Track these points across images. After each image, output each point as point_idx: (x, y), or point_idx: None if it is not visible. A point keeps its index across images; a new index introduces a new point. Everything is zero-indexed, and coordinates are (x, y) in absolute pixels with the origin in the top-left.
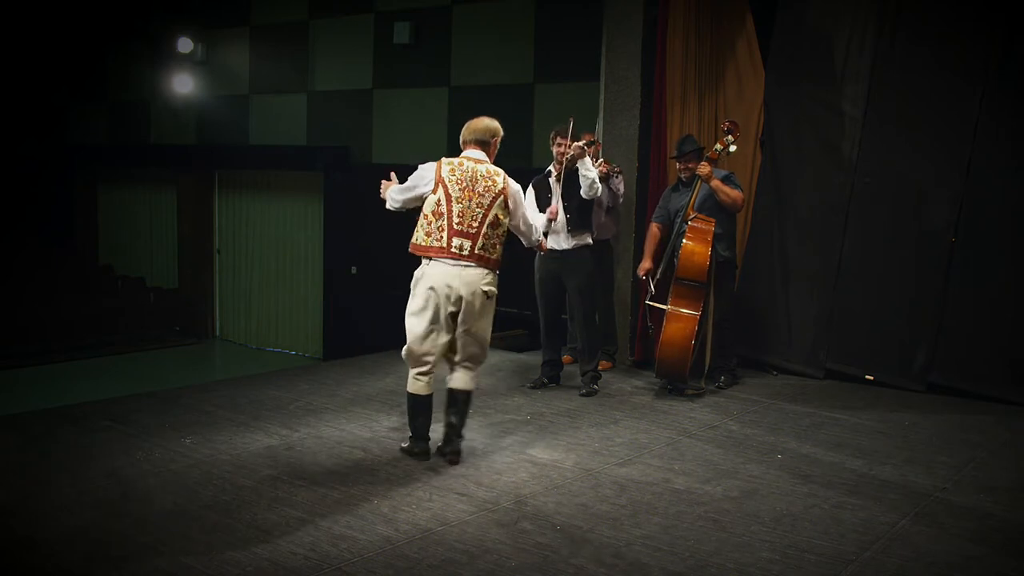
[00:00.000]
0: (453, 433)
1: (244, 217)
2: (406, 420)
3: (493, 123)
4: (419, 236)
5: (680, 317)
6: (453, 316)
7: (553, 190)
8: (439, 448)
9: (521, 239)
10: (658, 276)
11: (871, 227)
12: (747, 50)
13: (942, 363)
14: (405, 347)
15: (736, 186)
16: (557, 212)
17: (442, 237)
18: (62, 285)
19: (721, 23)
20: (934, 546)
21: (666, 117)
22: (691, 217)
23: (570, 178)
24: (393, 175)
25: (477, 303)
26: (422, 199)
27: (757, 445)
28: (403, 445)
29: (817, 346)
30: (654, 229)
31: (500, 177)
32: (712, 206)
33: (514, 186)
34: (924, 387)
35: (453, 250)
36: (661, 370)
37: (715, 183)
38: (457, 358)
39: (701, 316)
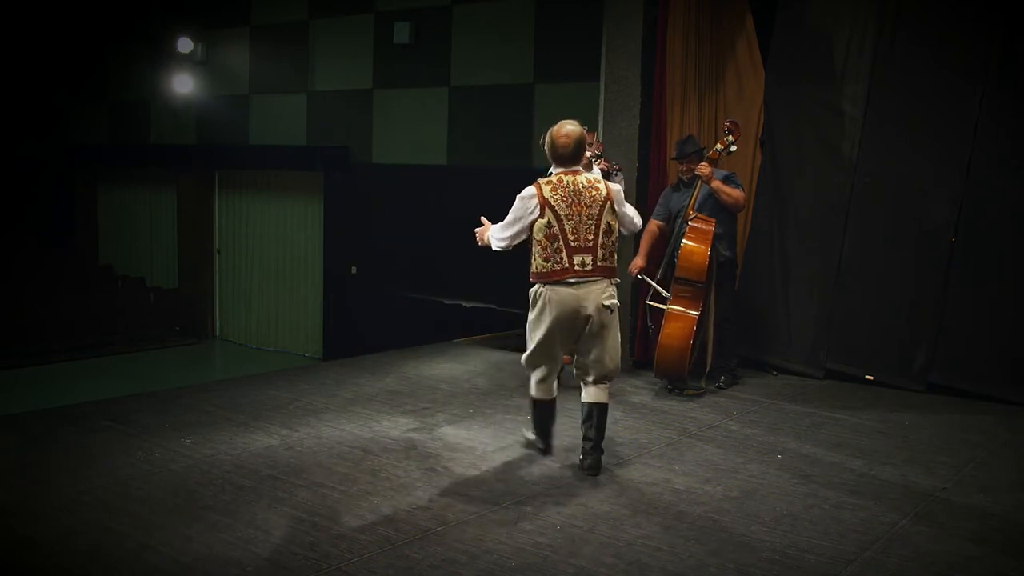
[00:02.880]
0: (591, 447)
1: (244, 217)
2: (529, 420)
3: (576, 129)
4: (537, 263)
5: (679, 317)
6: (577, 334)
7: None
8: (580, 460)
9: (622, 230)
10: (658, 276)
11: (871, 227)
12: (747, 50)
13: (942, 363)
14: (526, 356)
15: (737, 185)
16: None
17: (562, 259)
18: (62, 285)
19: (721, 23)
20: (934, 546)
21: (666, 117)
22: (691, 217)
23: None
24: (483, 219)
25: (602, 319)
26: (530, 229)
27: (757, 445)
28: (528, 436)
29: (817, 346)
30: (652, 227)
31: (601, 183)
32: (713, 206)
33: (614, 187)
34: (924, 387)
35: (576, 268)
36: (660, 370)
37: (716, 184)
38: (590, 378)
39: (701, 316)
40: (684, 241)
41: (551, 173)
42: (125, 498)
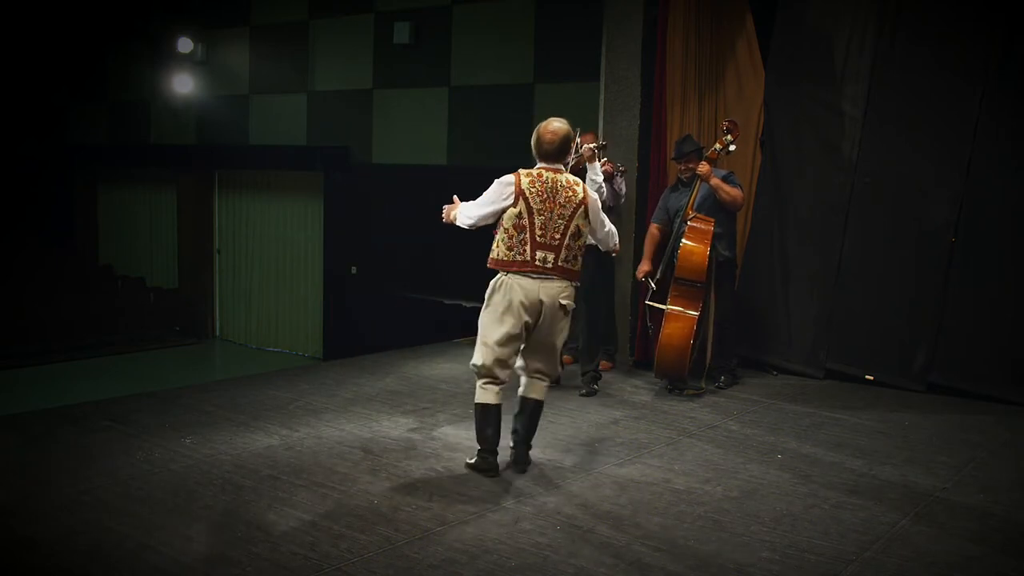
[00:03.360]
0: (519, 441)
1: (244, 217)
2: (473, 432)
3: (563, 127)
4: (500, 251)
5: (679, 317)
6: (527, 327)
7: None
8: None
9: (599, 245)
10: (658, 276)
11: (871, 227)
12: (747, 50)
13: (942, 363)
14: (478, 357)
15: (736, 184)
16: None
17: (525, 251)
18: (62, 285)
19: (721, 23)
20: (934, 546)
21: (666, 117)
22: (690, 217)
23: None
24: (455, 197)
25: (555, 316)
26: (500, 214)
27: (757, 445)
28: (469, 461)
29: (817, 346)
30: (653, 230)
31: (580, 187)
32: (712, 206)
33: (592, 195)
34: (924, 387)
35: (537, 263)
36: (660, 370)
37: (715, 181)
38: (530, 369)
39: (700, 316)
40: (683, 241)
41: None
42: (125, 498)
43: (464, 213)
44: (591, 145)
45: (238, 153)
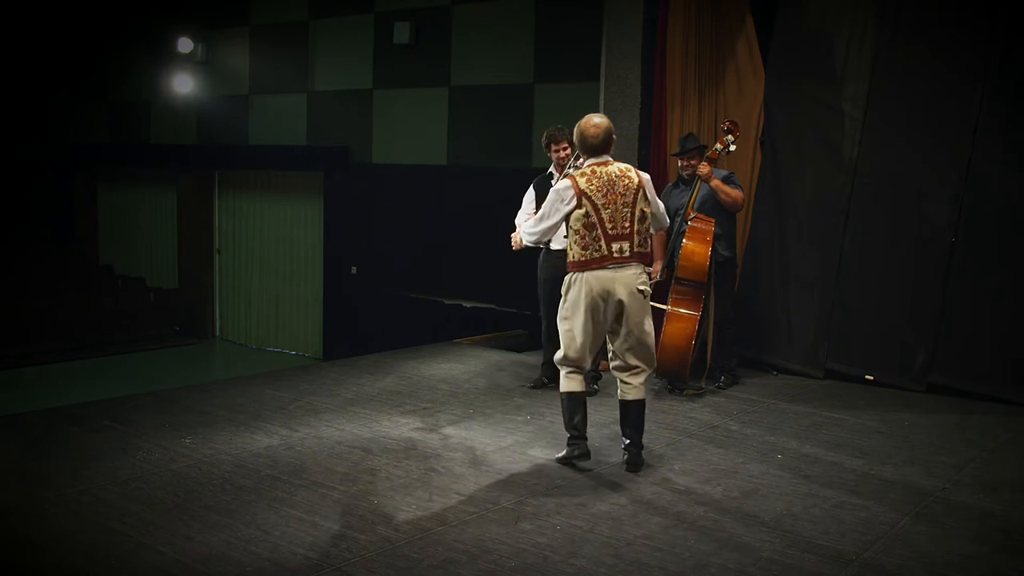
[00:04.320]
0: (631, 444)
1: (244, 217)
2: (562, 422)
3: (603, 122)
4: (575, 252)
5: (680, 317)
6: (613, 320)
7: None
8: (623, 459)
9: (653, 226)
10: (658, 276)
11: (871, 227)
12: (747, 50)
13: (942, 363)
14: (560, 350)
15: (736, 186)
16: (517, 243)
17: (601, 246)
18: (62, 285)
19: (721, 23)
20: (934, 546)
21: (666, 117)
22: (691, 217)
23: None
24: (517, 223)
25: (636, 303)
26: (563, 222)
27: (757, 445)
28: (559, 455)
29: (817, 346)
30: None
31: (632, 171)
32: (712, 206)
33: (645, 176)
34: (924, 387)
35: (615, 255)
36: (661, 370)
37: (715, 183)
38: (627, 367)
39: (701, 316)
40: (684, 241)
41: (574, 168)
42: (125, 498)
43: (527, 232)
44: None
45: (238, 153)
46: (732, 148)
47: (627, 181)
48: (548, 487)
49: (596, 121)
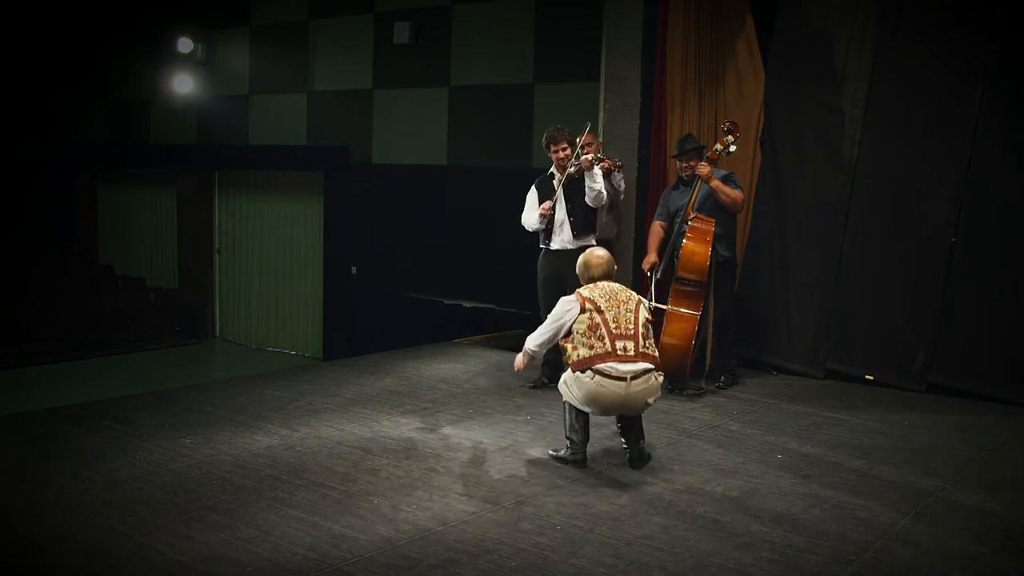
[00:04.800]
0: (632, 442)
1: (244, 217)
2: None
3: (605, 257)
4: (580, 354)
5: (680, 317)
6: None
7: (558, 194)
8: (626, 452)
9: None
10: (659, 275)
11: (871, 227)
12: (747, 50)
13: (942, 363)
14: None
15: (736, 186)
16: (549, 208)
17: (605, 344)
18: (62, 285)
19: (721, 23)
20: (934, 546)
21: (666, 117)
22: (691, 217)
23: (574, 183)
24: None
25: (640, 409)
26: (566, 328)
27: (757, 445)
28: (556, 453)
29: (817, 346)
30: (656, 227)
31: (630, 290)
32: (712, 206)
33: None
34: (924, 387)
35: (619, 352)
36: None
37: (715, 183)
38: None
39: (701, 316)
40: (684, 241)
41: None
42: (125, 498)
43: (531, 342)
44: (588, 156)
45: (238, 153)
46: (732, 148)
47: (628, 293)
48: (548, 487)
49: (600, 254)
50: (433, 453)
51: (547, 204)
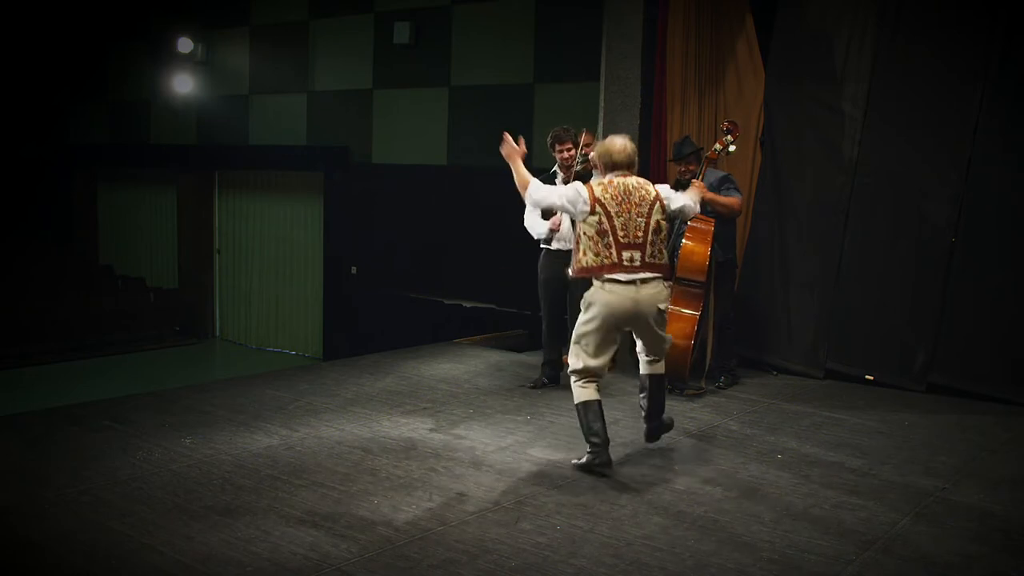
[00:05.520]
0: (648, 415)
1: (244, 217)
2: (580, 430)
3: (629, 145)
4: (587, 259)
5: (680, 317)
6: (629, 327)
7: None
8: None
9: (683, 216)
10: None
11: (871, 227)
12: (747, 50)
13: (942, 363)
14: (575, 361)
15: (734, 190)
16: (559, 223)
17: (611, 253)
18: (62, 285)
19: (721, 23)
20: (934, 546)
21: (666, 117)
22: (690, 217)
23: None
24: (522, 139)
25: (654, 320)
26: (564, 209)
27: (757, 445)
28: (578, 461)
29: (817, 346)
30: None
31: (650, 186)
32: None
33: (664, 189)
34: (924, 387)
35: (625, 263)
36: None
37: (709, 195)
38: (643, 354)
39: (701, 316)
40: (684, 241)
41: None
42: (125, 498)
43: (534, 193)
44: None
45: (238, 153)
46: (732, 148)
47: (644, 193)
48: (548, 487)
49: (622, 142)
50: (433, 453)
51: (556, 219)
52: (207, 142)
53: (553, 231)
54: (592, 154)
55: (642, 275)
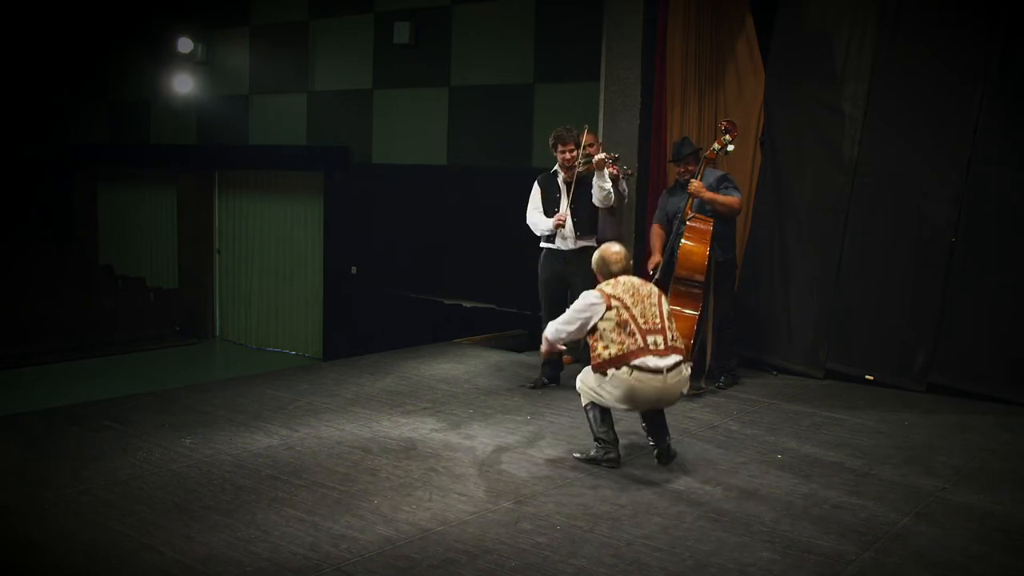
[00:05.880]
0: (658, 440)
1: (244, 217)
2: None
3: (623, 251)
4: (610, 351)
5: (679, 317)
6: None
7: (562, 193)
8: (654, 449)
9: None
10: (657, 275)
11: (871, 227)
12: (747, 50)
13: (942, 363)
14: (587, 399)
15: (732, 189)
16: (565, 220)
17: (636, 339)
18: (62, 285)
19: (721, 23)
20: (934, 546)
21: (666, 117)
22: (689, 217)
23: (580, 185)
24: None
25: (670, 404)
26: (589, 323)
27: (757, 445)
28: (582, 455)
29: (817, 346)
30: (656, 228)
31: (648, 283)
32: (712, 208)
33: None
34: (924, 387)
35: (651, 347)
36: None
37: (708, 195)
38: None
39: (700, 316)
40: (683, 241)
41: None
42: (125, 498)
43: (552, 331)
44: (602, 156)
45: (238, 153)
46: (730, 148)
47: (648, 287)
48: (548, 487)
49: (616, 249)
50: (433, 453)
51: (560, 216)
52: (207, 142)
53: (559, 226)
54: (600, 156)
55: (671, 359)
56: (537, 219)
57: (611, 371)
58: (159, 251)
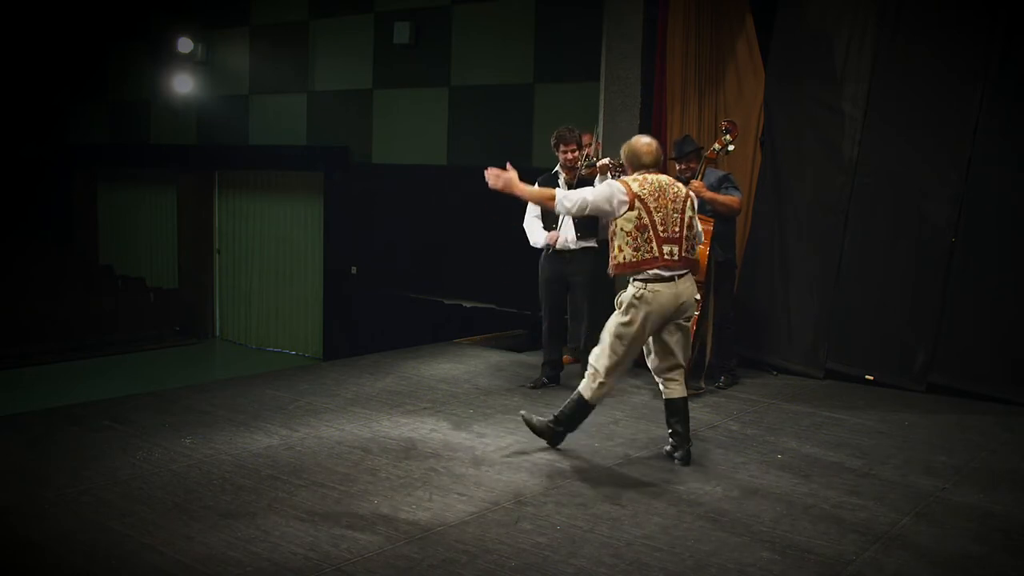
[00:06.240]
0: (680, 441)
1: (244, 217)
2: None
3: (654, 143)
4: (626, 254)
5: None
6: (663, 329)
7: None
8: (669, 452)
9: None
10: None
11: (871, 227)
12: (747, 50)
13: (942, 363)
14: (601, 361)
15: (733, 189)
16: (556, 238)
17: (652, 248)
18: (62, 285)
19: (721, 23)
20: (934, 546)
21: (666, 117)
22: None
23: (581, 185)
24: (508, 165)
25: (687, 313)
26: (605, 211)
27: (757, 445)
28: (528, 415)
29: (817, 346)
30: None
31: (679, 183)
32: (712, 208)
33: (691, 192)
34: (924, 387)
35: (665, 257)
36: None
37: (708, 195)
38: (666, 367)
39: (700, 316)
40: None
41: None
42: (125, 498)
43: (564, 201)
44: (606, 161)
45: (238, 153)
46: (731, 148)
47: (676, 189)
48: (548, 487)
49: (647, 140)
50: (433, 453)
51: (554, 235)
52: (207, 142)
53: (550, 245)
54: (604, 161)
55: (680, 270)
56: (534, 229)
57: (633, 288)
58: (159, 251)
